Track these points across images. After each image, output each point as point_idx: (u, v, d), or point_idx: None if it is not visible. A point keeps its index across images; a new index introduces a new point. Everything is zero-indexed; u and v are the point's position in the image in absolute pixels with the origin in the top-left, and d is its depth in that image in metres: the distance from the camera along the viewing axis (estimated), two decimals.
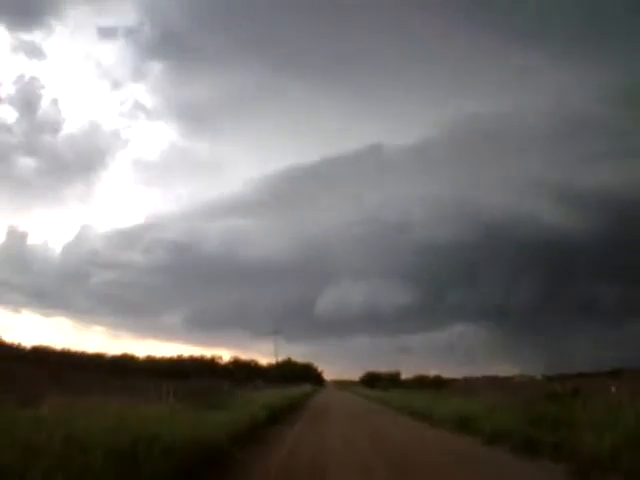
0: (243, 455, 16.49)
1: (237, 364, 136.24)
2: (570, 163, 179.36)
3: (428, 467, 15.28)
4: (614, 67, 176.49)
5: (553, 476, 13.07)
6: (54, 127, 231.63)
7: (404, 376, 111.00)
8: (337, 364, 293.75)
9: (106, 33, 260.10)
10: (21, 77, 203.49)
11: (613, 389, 21.07)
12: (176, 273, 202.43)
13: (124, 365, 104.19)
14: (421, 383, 76.74)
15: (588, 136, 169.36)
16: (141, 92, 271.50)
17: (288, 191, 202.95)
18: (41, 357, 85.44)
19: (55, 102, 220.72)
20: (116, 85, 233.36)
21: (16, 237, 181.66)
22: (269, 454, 17.50)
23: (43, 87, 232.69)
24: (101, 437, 9.60)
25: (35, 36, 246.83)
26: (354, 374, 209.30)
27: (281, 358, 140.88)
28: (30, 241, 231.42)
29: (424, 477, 13.82)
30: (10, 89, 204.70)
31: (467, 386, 64.60)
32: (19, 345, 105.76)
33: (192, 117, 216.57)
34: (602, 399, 17.90)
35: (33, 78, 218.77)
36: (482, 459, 16.56)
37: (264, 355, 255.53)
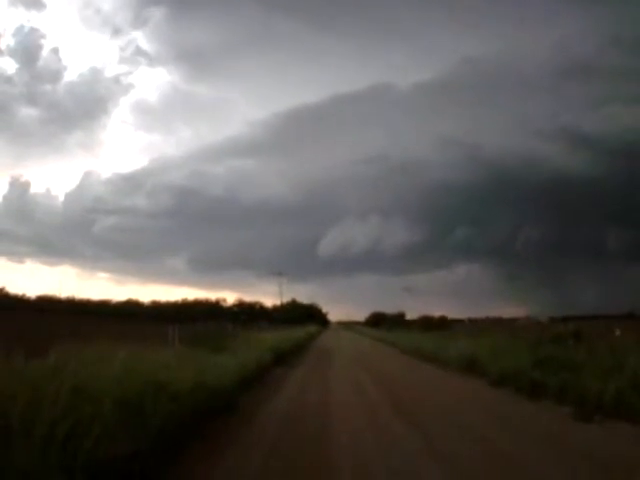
0: (249, 399, 16.61)
1: (242, 306, 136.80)
2: (576, 106, 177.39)
3: (434, 409, 15.40)
4: (617, 14, 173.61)
5: (558, 418, 13.11)
6: (55, 76, 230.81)
7: (409, 316, 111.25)
8: (342, 305, 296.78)
9: None
10: (21, 28, 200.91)
11: (617, 332, 21.01)
12: (180, 217, 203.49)
13: (130, 311, 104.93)
14: (426, 324, 76.78)
15: (593, 80, 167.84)
16: (141, 38, 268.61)
17: (293, 131, 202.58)
18: (46, 306, 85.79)
19: (55, 51, 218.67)
20: (116, 32, 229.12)
21: (19, 187, 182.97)
22: (274, 398, 17.64)
23: (43, 37, 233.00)
24: (109, 386, 9.61)
25: None
26: (359, 315, 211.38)
27: (286, 299, 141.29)
28: (33, 190, 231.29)
29: (429, 418, 13.85)
30: (10, 41, 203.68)
31: (472, 327, 64.90)
32: (24, 295, 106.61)
33: (193, 61, 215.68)
34: (606, 342, 17.87)
35: (33, 29, 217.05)
36: (488, 400, 16.76)
37: (269, 296, 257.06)
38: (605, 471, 8.71)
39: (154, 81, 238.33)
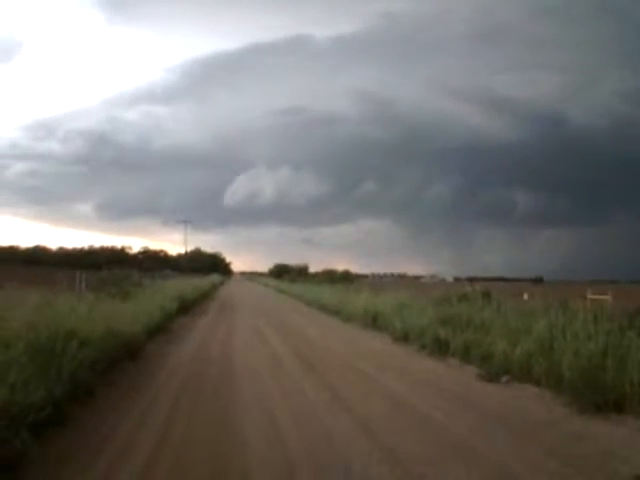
0: (155, 347, 16.60)
1: (147, 254, 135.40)
2: (493, 70, 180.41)
3: (337, 361, 15.54)
4: None
5: (462, 377, 13.31)
6: None
7: (312, 269, 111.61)
8: (246, 255, 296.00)
9: None
10: None
11: (525, 296, 21.58)
12: (91, 163, 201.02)
13: (38, 257, 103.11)
14: (329, 277, 77.32)
15: (513, 47, 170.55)
16: None
17: (209, 78, 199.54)
18: None
19: None
20: None
21: None
22: (180, 346, 17.74)
23: None
24: (21, 331, 9.52)
25: None
26: (263, 266, 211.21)
27: (190, 248, 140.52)
28: None
29: (332, 370, 13.99)
30: None
31: (375, 282, 65.79)
32: None
33: (115, 4, 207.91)
34: (514, 305, 18.23)
35: None
36: (391, 356, 16.81)
37: (174, 244, 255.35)
38: (504, 427, 8.89)
39: (73, 24, 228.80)
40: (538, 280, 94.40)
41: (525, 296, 21.57)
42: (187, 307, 32.23)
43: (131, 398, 10.47)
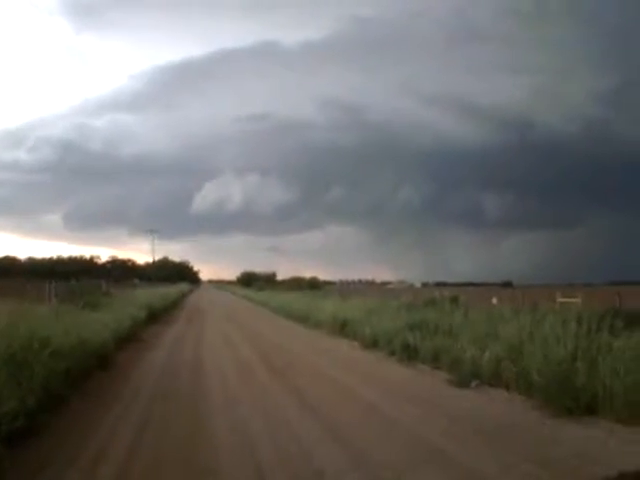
0: (125, 355, 16.65)
1: (115, 263, 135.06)
2: (462, 74, 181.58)
3: (305, 368, 15.56)
4: None
5: (432, 382, 13.30)
6: None
7: (280, 277, 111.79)
8: (213, 264, 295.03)
9: None
10: None
11: (494, 300, 21.71)
12: (59, 172, 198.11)
13: (6, 267, 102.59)
14: (297, 284, 77.52)
15: (483, 48, 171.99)
16: None
17: (176, 85, 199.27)
18: None
19: None
20: None
21: None
22: (150, 354, 17.83)
23: None
24: None
25: None
26: (231, 274, 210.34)
27: (158, 257, 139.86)
28: None
29: (301, 376, 14.05)
30: None
31: (343, 289, 65.90)
32: None
33: (81, 13, 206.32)
34: (482, 309, 18.33)
35: None
36: (360, 362, 16.80)
37: (142, 254, 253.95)
38: (476, 431, 8.84)
39: (40, 31, 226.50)
40: (507, 284, 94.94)
41: (494, 300, 21.70)
42: (157, 316, 32.29)
43: (104, 407, 10.52)
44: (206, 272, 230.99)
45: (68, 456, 7.57)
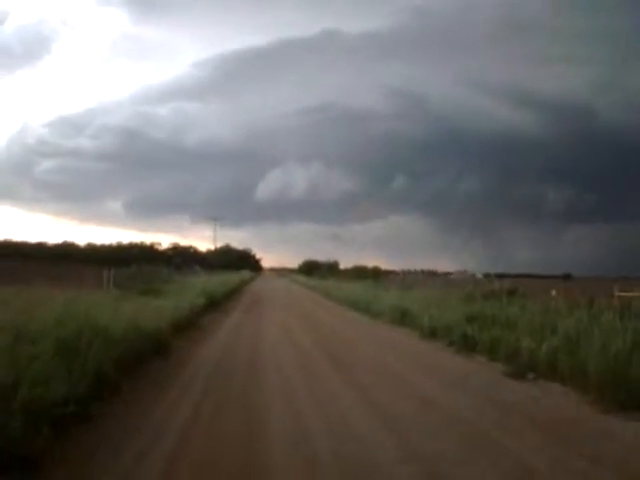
0: (182, 343, 16.62)
1: (176, 250, 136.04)
2: (522, 64, 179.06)
3: (363, 357, 15.62)
4: None
5: (489, 374, 13.24)
6: (0, 17, 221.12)
7: (343, 266, 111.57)
8: (276, 252, 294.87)
9: None
10: None
11: (553, 292, 21.29)
12: (121, 159, 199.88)
13: (66, 253, 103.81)
14: (359, 273, 77.29)
15: (541, 40, 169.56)
16: None
17: (238, 74, 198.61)
18: None
19: None
20: None
21: None
22: (206, 342, 17.76)
23: None
24: (49, 328, 9.66)
25: None
26: (293, 262, 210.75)
27: (220, 244, 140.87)
28: None
29: (359, 366, 14.00)
30: None
31: (405, 279, 65.54)
32: None
33: (142, 2, 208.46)
34: (541, 302, 18.06)
35: None
36: (419, 353, 16.80)
37: (203, 241, 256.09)
38: (530, 425, 8.84)
39: (101, 21, 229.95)
40: (567, 276, 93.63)
41: (553, 292, 21.24)
42: (217, 303, 32.30)
43: (156, 394, 10.44)
44: (268, 260, 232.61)
45: (119, 443, 7.56)
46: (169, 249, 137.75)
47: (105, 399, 9.53)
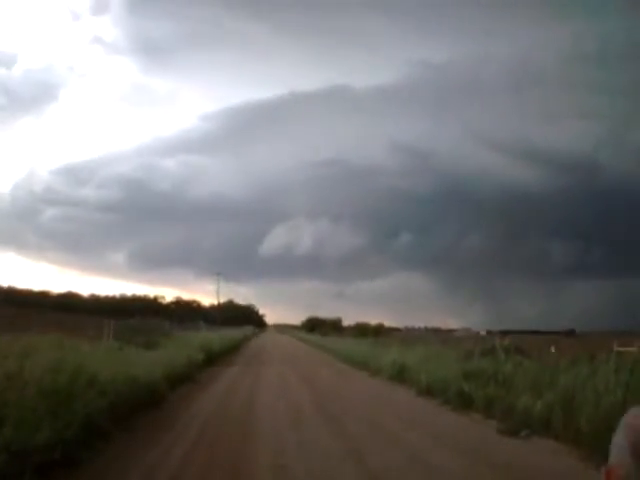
0: (177, 396, 16.60)
1: (180, 304, 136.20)
2: (529, 119, 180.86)
3: (357, 414, 15.48)
4: (577, 29, 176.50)
5: (482, 431, 13.14)
6: (8, 61, 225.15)
7: (346, 323, 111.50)
8: (279, 308, 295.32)
9: None
10: None
11: (552, 349, 21.39)
12: (127, 210, 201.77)
13: (69, 303, 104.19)
14: (362, 331, 77.20)
15: (548, 94, 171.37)
16: (100, 26, 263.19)
17: (245, 127, 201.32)
18: None
19: (10, 36, 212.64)
20: (76, 18, 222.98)
21: None
22: (202, 396, 17.74)
23: None
24: (39, 374, 9.68)
25: None
26: (296, 318, 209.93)
27: (223, 299, 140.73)
28: None
29: (352, 422, 13.95)
30: None
31: (407, 336, 65.36)
32: None
33: (150, 52, 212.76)
34: (539, 358, 18.12)
35: None
36: (413, 410, 16.76)
37: (207, 295, 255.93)
38: None
39: (110, 70, 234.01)
40: (570, 332, 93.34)
41: (552, 349, 21.33)
42: (216, 358, 32.26)
43: (146, 446, 10.38)
44: (271, 315, 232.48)
45: None
46: (172, 303, 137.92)
47: (93, 446, 9.45)
